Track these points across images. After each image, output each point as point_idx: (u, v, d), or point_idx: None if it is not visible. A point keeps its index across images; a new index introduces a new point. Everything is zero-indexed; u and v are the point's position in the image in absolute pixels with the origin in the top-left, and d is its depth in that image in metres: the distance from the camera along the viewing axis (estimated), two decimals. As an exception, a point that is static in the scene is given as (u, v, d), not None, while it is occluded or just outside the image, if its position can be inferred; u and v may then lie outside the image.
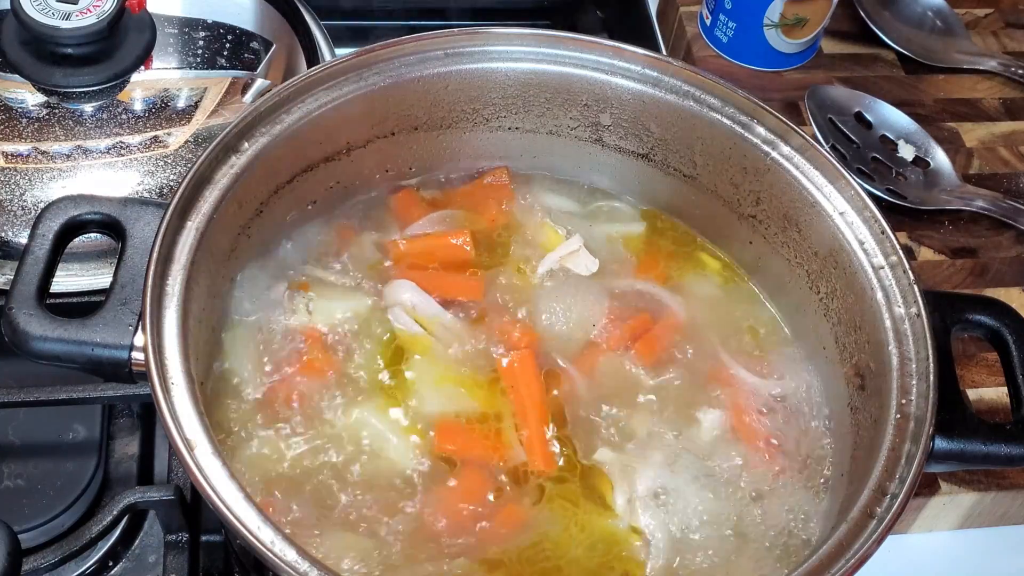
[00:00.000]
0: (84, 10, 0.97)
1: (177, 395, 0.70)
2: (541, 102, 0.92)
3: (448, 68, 0.89)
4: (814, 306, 0.87)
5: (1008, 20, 1.32)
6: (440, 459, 0.81)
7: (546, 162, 0.97)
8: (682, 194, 0.94)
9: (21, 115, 0.97)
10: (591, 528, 0.79)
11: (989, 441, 0.75)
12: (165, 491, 0.86)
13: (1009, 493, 0.95)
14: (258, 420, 0.81)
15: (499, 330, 0.88)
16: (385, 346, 0.85)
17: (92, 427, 0.93)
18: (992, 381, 0.99)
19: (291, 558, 0.64)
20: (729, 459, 0.83)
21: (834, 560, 0.68)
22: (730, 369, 0.87)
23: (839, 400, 0.83)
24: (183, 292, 0.74)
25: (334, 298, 0.88)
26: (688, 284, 0.93)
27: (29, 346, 0.73)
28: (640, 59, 0.89)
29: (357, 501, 0.78)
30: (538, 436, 0.81)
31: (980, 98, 1.24)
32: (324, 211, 0.92)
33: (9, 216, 0.93)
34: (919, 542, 0.99)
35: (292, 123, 0.84)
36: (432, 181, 0.96)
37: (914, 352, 0.77)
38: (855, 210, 0.83)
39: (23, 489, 0.89)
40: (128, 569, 0.89)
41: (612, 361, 0.87)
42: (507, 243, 0.93)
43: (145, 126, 0.98)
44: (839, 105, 1.18)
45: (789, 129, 0.86)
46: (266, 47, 1.06)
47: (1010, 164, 1.18)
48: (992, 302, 0.82)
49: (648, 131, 0.92)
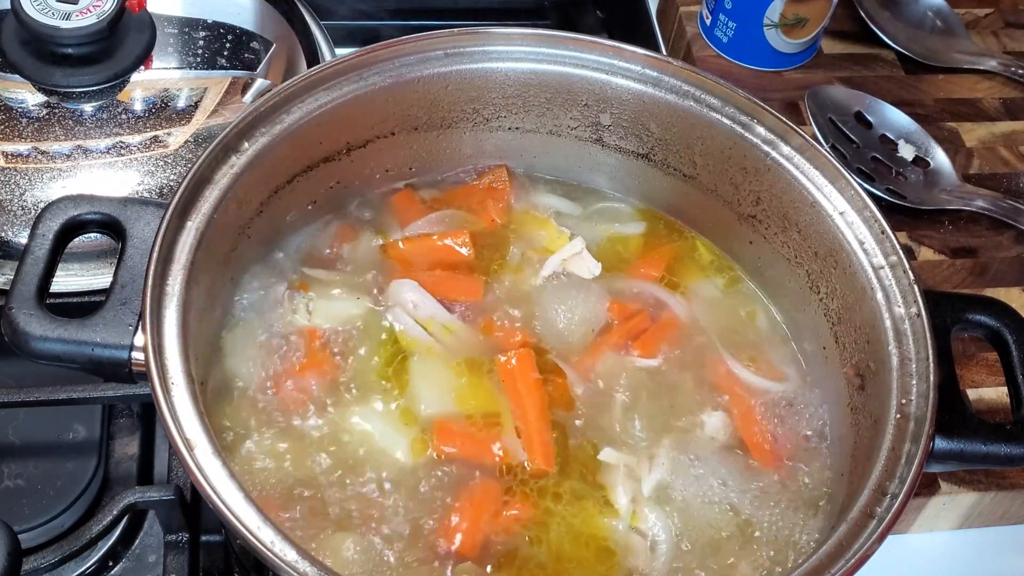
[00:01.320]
0: (84, 10, 0.97)
1: (177, 395, 0.70)
2: (541, 102, 0.92)
3: (448, 68, 0.89)
4: (814, 306, 0.87)
5: (1008, 20, 1.32)
6: (440, 459, 0.81)
7: (546, 162, 0.97)
8: (682, 194, 0.94)
9: (21, 115, 0.97)
10: (593, 528, 0.79)
11: (989, 441, 0.75)
12: (165, 491, 0.86)
13: (1009, 493, 0.95)
14: (258, 420, 0.81)
15: (499, 330, 0.88)
16: (385, 346, 0.85)
17: (92, 427, 0.93)
18: (992, 381, 0.99)
19: (291, 558, 0.65)
20: (730, 459, 0.83)
21: (834, 560, 0.68)
22: (731, 369, 0.87)
23: (839, 400, 0.83)
24: (183, 292, 0.74)
25: (334, 298, 0.88)
26: (688, 284, 0.93)
27: (29, 346, 0.73)
28: (640, 59, 0.89)
29: (357, 501, 0.78)
30: (539, 436, 0.81)
31: (980, 98, 1.23)
32: (324, 211, 0.92)
33: (9, 216, 0.93)
34: (919, 542, 0.99)
35: (292, 123, 0.84)
36: (432, 181, 0.96)
37: (914, 352, 0.77)
38: (855, 210, 0.83)
39: (23, 489, 0.89)
40: (128, 569, 0.89)
41: (612, 361, 0.87)
42: (507, 243, 0.93)
43: (145, 126, 0.98)
44: (839, 105, 1.18)
45: (789, 129, 0.86)
46: (266, 47, 1.06)
47: (1010, 164, 1.18)
48: (992, 302, 0.82)
49: (648, 131, 0.92)
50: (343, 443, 0.81)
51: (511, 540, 0.78)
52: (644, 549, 0.78)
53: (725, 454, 0.83)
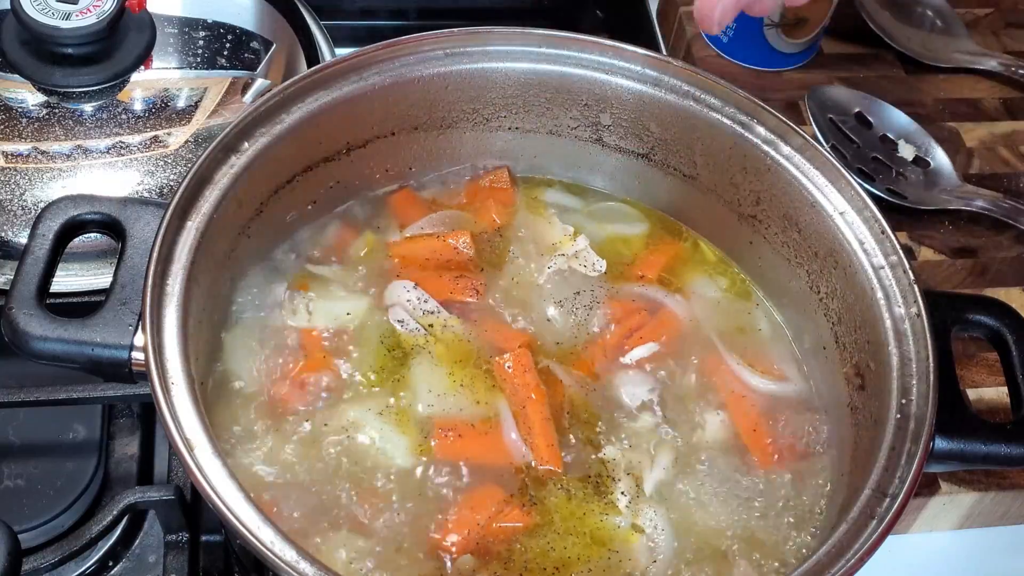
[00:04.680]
0: (84, 10, 0.97)
1: (177, 395, 0.70)
2: (541, 102, 0.92)
3: (448, 68, 0.89)
4: (814, 306, 0.87)
5: (1008, 20, 1.32)
6: (440, 459, 0.81)
7: (546, 162, 0.97)
8: (682, 194, 0.94)
9: (21, 115, 0.97)
10: (593, 527, 0.79)
11: (989, 441, 0.75)
12: (165, 491, 0.86)
13: (1009, 493, 0.95)
14: (258, 419, 0.81)
15: (499, 330, 0.88)
16: (385, 346, 0.85)
17: (92, 427, 0.93)
18: (992, 381, 0.99)
19: (291, 558, 0.65)
20: (731, 459, 0.83)
21: (834, 560, 0.68)
22: (731, 369, 0.87)
23: (839, 400, 0.83)
24: (183, 292, 0.74)
25: (334, 298, 0.88)
26: (688, 284, 0.93)
27: (29, 346, 0.73)
28: (640, 59, 0.89)
29: (357, 501, 0.78)
30: (544, 436, 0.81)
31: (980, 98, 1.23)
32: (324, 211, 0.92)
33: (9, 216, 0.93)
34: (919, 542, 0.99)
35: (292, 123, 0.84)
36: (432, 181, 0.96)
37: (914, 352, 0.77)
38: (855, 210, 0.83)
39: (23, 489, 0.89)
40: (128, 569, 0.89)
41: (613, 361, 0.87)
42: (507, 243, 0.93)
43: (145, 126, 0.98)
44: (839, 105, 1.18)
45: (789, 129, 0.86)
46: (266, 47, 1.06)
47: (1010, 164, 1.18)
48: (992, 302, 0.82)
49: (648, 131, 0.92)
50: (343, 443, 0.81)
51: (511, 539, 0.78)
52: (645, 548, 0.78)
53: (725, 453, 0.83)
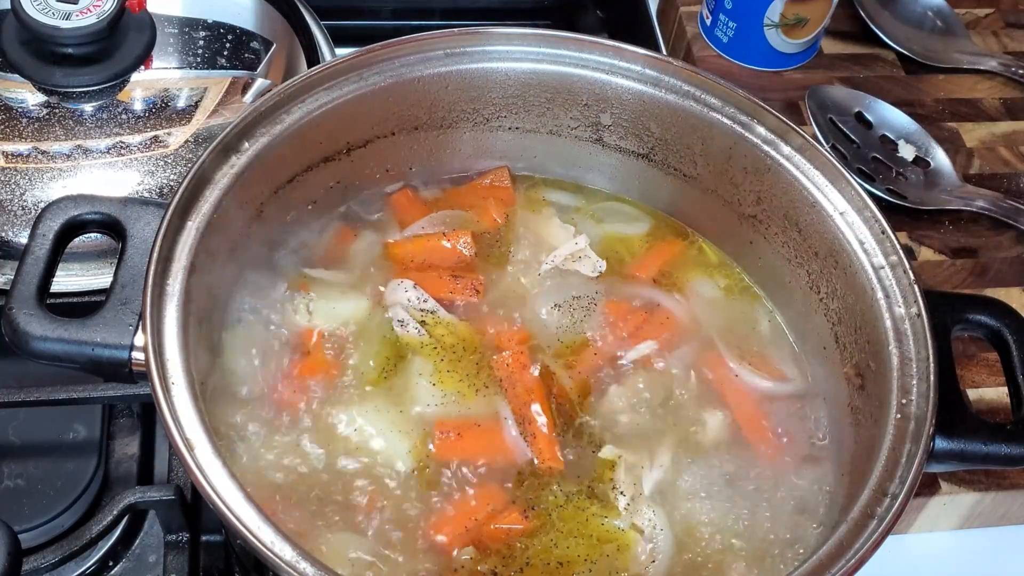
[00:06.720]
0: (84, 10, 0.97)
1: (177, 395, 0.70)
2: (541, 102, 0.92)
3: (448, 68, 0.89)
4: (814, 306, 0.87)
5: (1008, 20, 1.32)
6: (440, 459, 0.81)
7: (546, 162, 0.97)
8: (682, 194, 0.94)
9: (21, 115, 0.97)
10: (593, 526, 0.79)
11: (989, 441, 0.75)
12: (165, 491, 0.86)
13: (1009, 493, 0.95)
14: (258, 420, 0.81)
15: (499, 330, 0.88)
16: (385, 346, 0.85)
17: (92, 427, 0.93)
18: (992, 381, 0.99)
19: (290, 557, 0.65)
20: (731, 459, 0.83)
21: (834, 560, 0.68)
22: (732, 369, 0.87)
23: (839, 400, 0.83)
24: (183, 292, 0.74)
25: (334, 298, 0.88)
26: (689, 284, 0.93)
27: (29, 346, 0.73)
28: (640, 59, 0.89)
29: (357, 501, 0.78)
30: (544, 436, 0.81)
31: (980, 98, 1.23)
32: (324, 211, 0.92)
33: (9, 216, 0.93)
34: (919, 542, 0.99)
35: (292, 123, 0.84)
36: (432, 181, 0.96)
37: (914, 352, 0.77)
38: (855, 210, 0.83)
39: (23, 489, 0.89)
40: (128, 569, 0.89)
41: (613, 360, 0.87)
42: (508, 243, 0.93)
43: (145, 126, 0.98)
44: (839, 105, 1.18)
45: (789, 129, 0.86)
46: (266, 47, 1.06)
47: (1010, 164, 1.18)
48: (992, 302, 0.82)
49: (648, 131, 0.92)
50: (343, 443, 0.81)
51: (511, 539, 0.78)
52: (644, 547, 0.78)
53: (725, 453, 0.83)
